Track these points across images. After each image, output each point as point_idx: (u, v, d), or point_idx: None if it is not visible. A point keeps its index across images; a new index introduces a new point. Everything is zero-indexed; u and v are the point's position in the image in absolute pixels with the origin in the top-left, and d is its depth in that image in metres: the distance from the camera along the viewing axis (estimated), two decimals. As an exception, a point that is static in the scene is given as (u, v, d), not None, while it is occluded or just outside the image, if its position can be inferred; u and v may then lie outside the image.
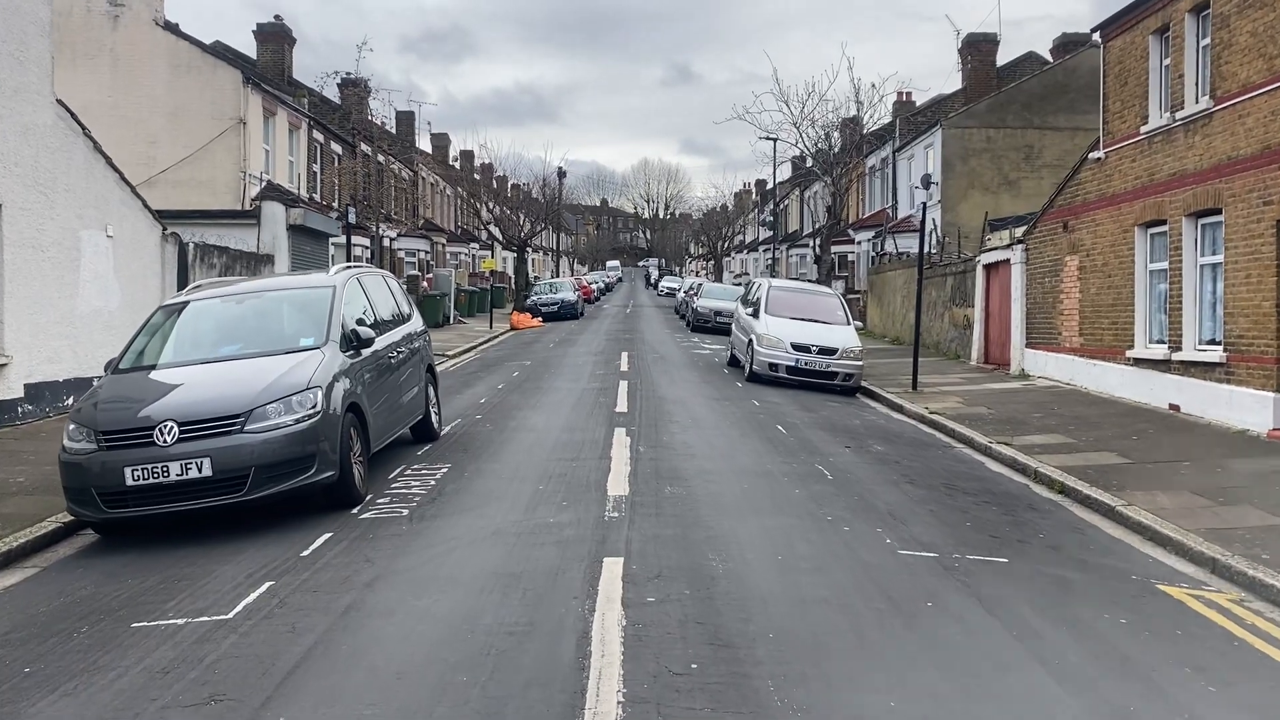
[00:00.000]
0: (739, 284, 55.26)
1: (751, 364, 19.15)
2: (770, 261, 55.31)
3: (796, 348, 18.69)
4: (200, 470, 7.92)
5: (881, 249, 36.11)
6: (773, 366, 18.76)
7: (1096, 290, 17.24)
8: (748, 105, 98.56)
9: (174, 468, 7.89)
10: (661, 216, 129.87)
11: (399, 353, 10.92)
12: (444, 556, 7.23)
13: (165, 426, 7.98)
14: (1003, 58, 38.74)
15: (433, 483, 9.68)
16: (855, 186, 39.35)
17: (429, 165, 52.11)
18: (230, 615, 6.11)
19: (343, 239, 30.45)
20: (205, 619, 6.07)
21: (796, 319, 19.52)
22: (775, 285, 21.64)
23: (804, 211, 56.55)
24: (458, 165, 59.71)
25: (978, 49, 37.24)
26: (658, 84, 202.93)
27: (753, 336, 19.37)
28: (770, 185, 58.90)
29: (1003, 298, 21.35)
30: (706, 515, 8.40)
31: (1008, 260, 20.99)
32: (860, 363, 18.92)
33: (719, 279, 72.11)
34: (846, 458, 11.54)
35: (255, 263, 21.71)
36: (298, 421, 8.25)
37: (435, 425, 12.15)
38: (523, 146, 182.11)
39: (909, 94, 44.25)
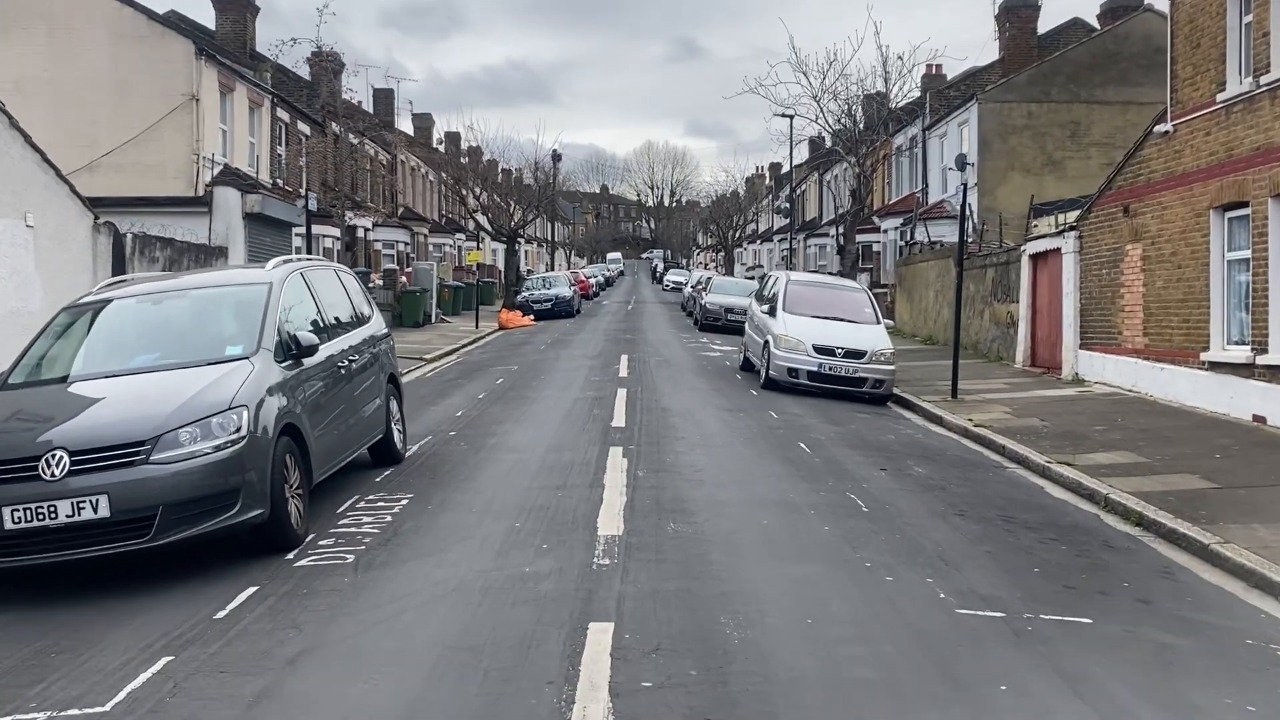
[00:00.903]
0: (752, 277, 54.43)
1: (768, 369, 18.21)
2: (786, 253, 54.38)
3: (819, 350, 17.73)
4: (95, 510, 6.97)
5: (911, 238, 35.14)
6: (792, 372, 17.81)
7: (1164, 283, 16.28)
8: (761, 78, 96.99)
9: (63, 507, 6.95)
10: (667, 204, 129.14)
11: (352, 361, 9.97)
12: (390, 621, 6.27)
13: (53, 457, 7.03)
14: (1042, 26, 37.80)
15: (389, 519, 8.73)
16: (881, 169, 38.37)
17: (410, 148, 51.22)
18: (107, 707, 5.16)
19: (314, 229, 29.61)
20: (74, 713, 5.12)
21: (819, 317, 18.57)
22: (794, 279, 20.67)
23: (823, 197, 55.61)
24: (442, 148, 58.82)
25: (1016, 15, 36.27)
26: (661, 60, 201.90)
27: (769, 338, 18.43)
28: (786, 169, 57.95)
29: (1052, 292, 20.39)
30: (718, 562, 7.44)
31: (1058, 249, 20.02)
32: (892, 367, 17.96)
33: (730, 272, 71.27)
34: (883, 483, 10.58)
35: (206, 256, 20.81)
36: (217, 449, 7.31)
37: (398, 445, 11.20)
38: (514, 129, 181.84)
39: (939, 66, 43.29)
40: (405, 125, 55.02)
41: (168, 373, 8.02)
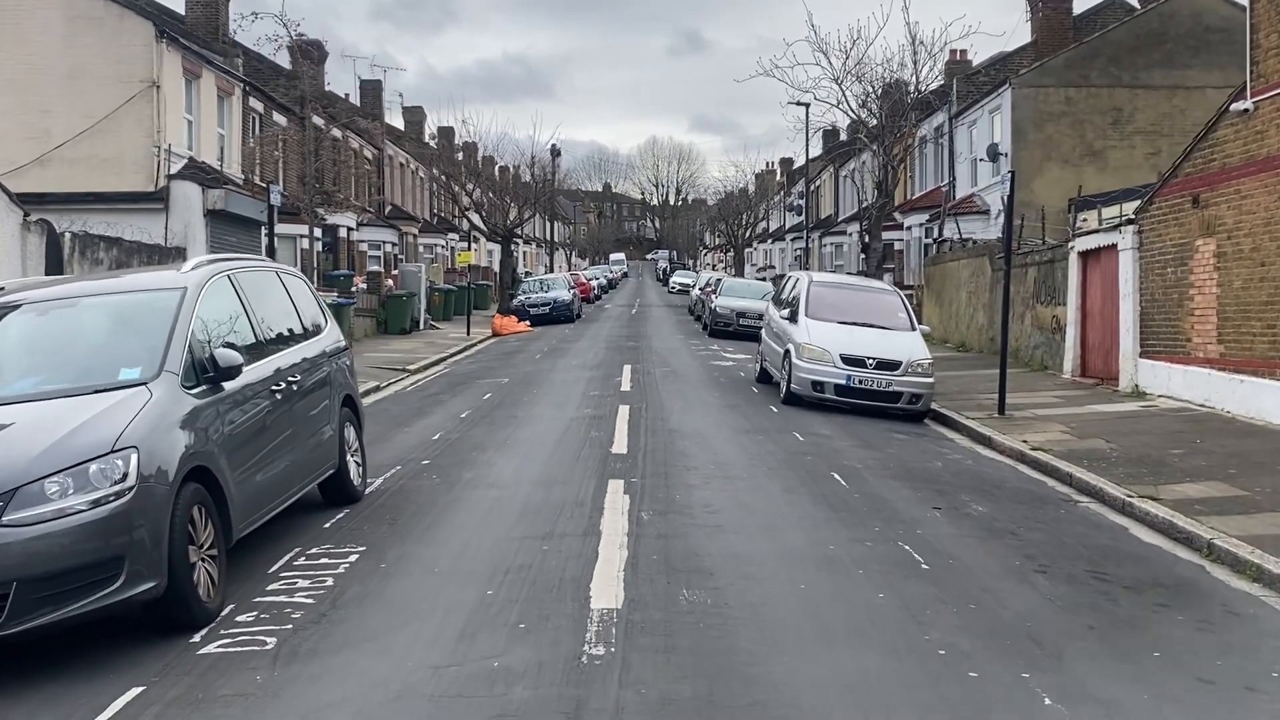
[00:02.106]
0: (763, 278, 52.96)
1: (789, 382, 16.69)
2: (800, 252, 52.91)
3: (847, 361, 16.21)
4: (-73, 589, 5.49)
5: (939, 235, 33.61)
6: (817, 385, 16.29)
7: (1243, 283, 14.76)
8: (776, 58, 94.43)
9: (-117, 586, 5.47)
10: (672, 203, 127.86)
11: (293, 381, 8.46)
12: (303, 750, 4.77)
13: (-127, 518, 5.55)
14: (1079, 5, 36.38)
15: (330, 582, 7.22)
16: (905, 160, 36.84)
17: (399, 143, 49.80)
18: None
19: (289, 229, 28.17)
20: None
21: (846, 323, 17.06)
22: (817, 280, 19.15)
23: (840, 193, 54.15)
24: (434, 144, 57.35)
25: (1051, -7, 34.73)
26: (665, 53, 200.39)
27: (790, 346, 16.92)
28: (802, 161, 56.46)
29: (1106, 293, 18.86)
30: (746, 649, 5.92)
31: (1113, 246, 18.49)
32: (931, 379, 16.42)
33: (739, 273, 69.87)
34: (939, 527, 9.05)
35: (161, 257, 19.35)
36: (95, 504, 5.83)
37: (355, 481, 9.68)
38: (510, 125, 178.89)
39: (963, 52, 41.88)
40: (395, 119, 53.67)
41: (42, 404, 6.53)
